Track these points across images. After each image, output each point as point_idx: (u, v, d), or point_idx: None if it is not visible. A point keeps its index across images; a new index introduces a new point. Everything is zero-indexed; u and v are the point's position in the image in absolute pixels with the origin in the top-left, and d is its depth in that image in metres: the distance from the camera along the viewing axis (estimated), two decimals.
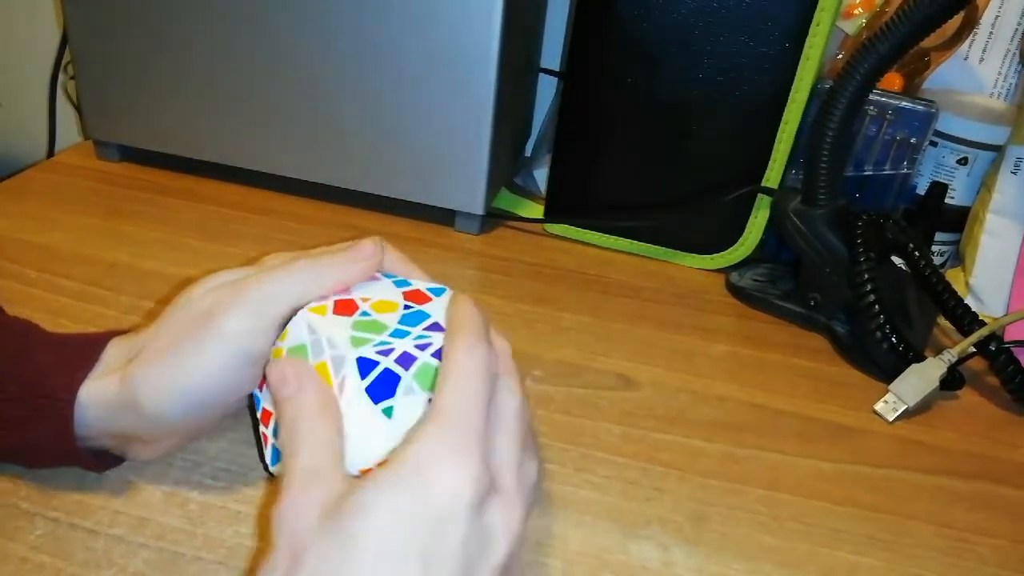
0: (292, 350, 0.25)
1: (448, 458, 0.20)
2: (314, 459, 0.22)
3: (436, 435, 0.21)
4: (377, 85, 0.46)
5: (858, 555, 0.30)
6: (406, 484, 0.20)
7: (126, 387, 0.25)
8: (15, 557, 0.26)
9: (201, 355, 0.25)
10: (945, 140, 0.48)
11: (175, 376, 0.25)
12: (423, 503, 0.20)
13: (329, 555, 0.19)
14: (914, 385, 0.38)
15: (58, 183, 0.52)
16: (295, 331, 0.26)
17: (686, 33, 0.44)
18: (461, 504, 0.20)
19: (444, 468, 0.20)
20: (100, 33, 0.49)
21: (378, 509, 0.20)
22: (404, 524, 0.19)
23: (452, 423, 0.21)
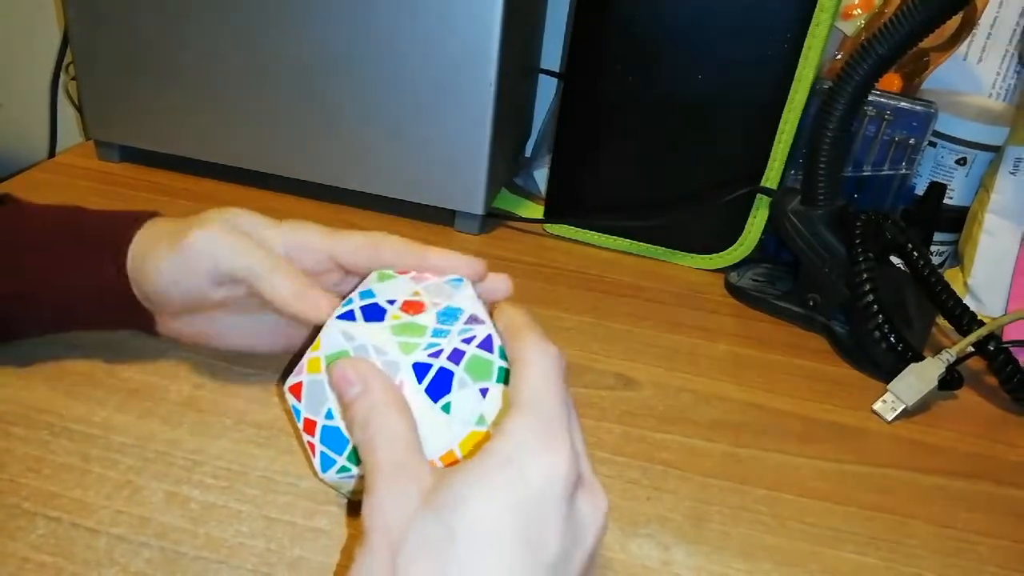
0: (332, 357, 0.25)
1: (539, 448, 0.20)
2: (395, 453, 0.22)
3: (524, 426, 0.21)
4: (377, 85, 0.46)
5: (858, 554, 0.30)
6: (501, 474, 0.20)
7: (135, 261, 0.31)
8: (17, 557, 0.26)
9: (163, 252, 0.30)
10: (944, 140, 0.48)
11: (145, 260, 0.31)
12: (520, 492, 0.20)
13: (431, 546, 0.19)
14: (913, 385, 0.38)
15: (59, 183, 0.52)
16: (329, 339, 0.26)
17: (686, 33, 0.44)
18: (556, 492, 0.20)
19: (537, 458, 0.20)
20: (101, 34, 0.49)
21: (476, 499, 0.20)
22: (504, 513, 0.20)
23: (537, 414, 0.21)
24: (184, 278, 0.30)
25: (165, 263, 0.30)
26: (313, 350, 0.26)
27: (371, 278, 0.29)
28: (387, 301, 0.27)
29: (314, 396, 0.26)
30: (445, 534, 0.19)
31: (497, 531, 0.19)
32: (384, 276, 0.29)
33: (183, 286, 0.30)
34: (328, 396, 0.25)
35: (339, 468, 0.25)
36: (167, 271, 0.30)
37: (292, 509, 0.29)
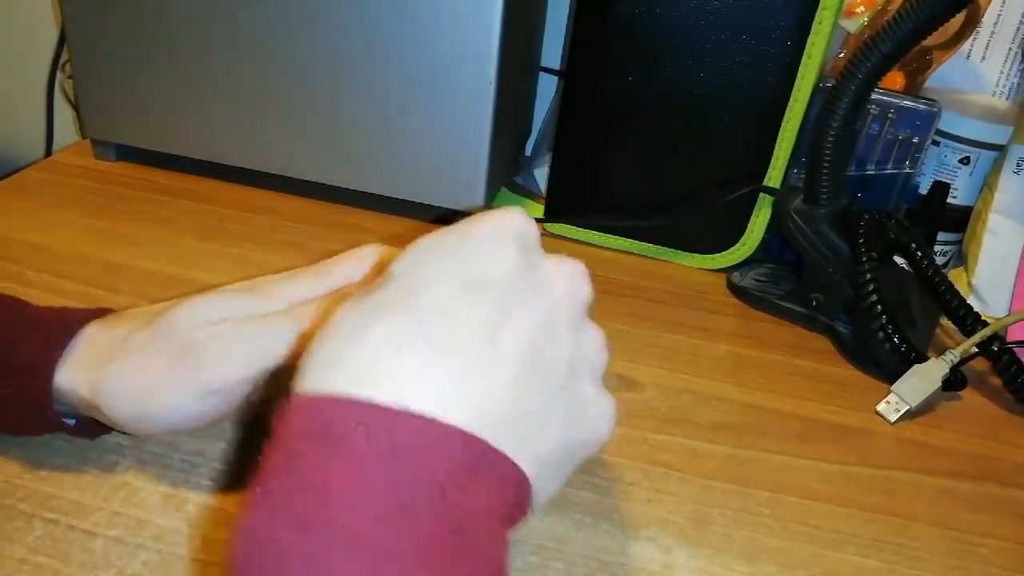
0: None
1: (489, 216, 0.22)
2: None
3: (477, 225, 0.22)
4: (377, 84, 0.46)
5: (861, 557, 0.30)
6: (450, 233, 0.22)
7: (95, 393, 0.26)
8: (13, 558, 0.26)
9: (170, 396, 0.25)
10: (947, 139, 0.48)
11: (139, 403, 0.26)
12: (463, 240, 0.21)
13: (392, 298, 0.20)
14: (916, 386, 0.38)
15: (56, 183, 0.51)
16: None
17: (687, 32, 0.44)
18: (500, 233, 0.22)
19: (484, 219, 0.22)
20: (98, 32, 0.49)
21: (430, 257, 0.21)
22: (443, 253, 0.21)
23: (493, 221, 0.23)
24: (194, 409, 0.26)
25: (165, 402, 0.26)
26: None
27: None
28: None
29: None
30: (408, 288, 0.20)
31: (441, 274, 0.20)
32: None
33: (189, 418, 0.26)
34: None
35: None
36: (169, 408, 0.26)
37: None
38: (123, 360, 0.26)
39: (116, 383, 0.26)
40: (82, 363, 0.26)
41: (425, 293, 0.20)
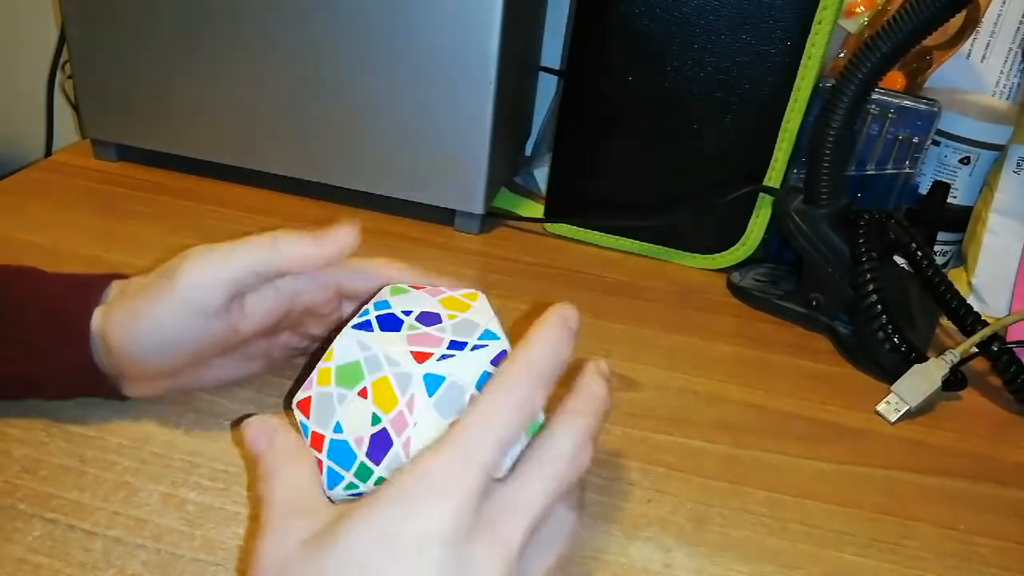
0: (343, 368, 0.25)
1: (435, 488, 0.19)
2: (288, 495, 0.22)
3: (434, 462, 0.20)
4: (377, 84, 0.46)
5: (861, 556, 0.30)
6: (386, 511, 0.19)
7: (103, 323, 0.28)
8: (13, 558, 0.26)
9: (157, 304, 0.28)
10: (947, 139, 0.48)
11: (135, 321, 0.28)
12: (397, 532, 0.19)
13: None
14: (916, 386, 0.38)
15: (56, 183, 0.51)
16: (343, 349, 0.25)
17: (687, 31, 0.44)
18: (434, 537, 0.19)
19: (428, 498, 0.19)
20: (98, 32, 0.49)
21: (354, 535, 0.19)
22: (373, 553, 0.19)
23: (457, 451, 0.20)
24: (180, 321, 0.28)
25: (154, 316, 0.27)
26: (325, 360, 0.25)
27: (384, 291, 0.28)
28: (403, 312, 0.26)
29: (322, 409, 0.25)
30: (320, 568, 0.19)
31: (364, 569, 0.19)
32: (398, 290, 0.28)
33: (178, 334, 0.28)
34: (336, 409, 0.25)
35: (347, 484, 0.24)
36: (158, 324, 0.27)
37: None
38: (124, 294, 0.29)
39: (119, 304, 0.29)
40: (101, 312, 0.29)
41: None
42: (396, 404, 0.23)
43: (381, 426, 0.24)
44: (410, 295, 0.27)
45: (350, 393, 0.24)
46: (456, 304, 0.27)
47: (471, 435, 0.20)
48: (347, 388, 0.24)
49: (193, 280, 0.27)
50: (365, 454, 0.24)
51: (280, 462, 0.23)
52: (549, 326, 0.23)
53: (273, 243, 0.28)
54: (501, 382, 0.21)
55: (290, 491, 0.22)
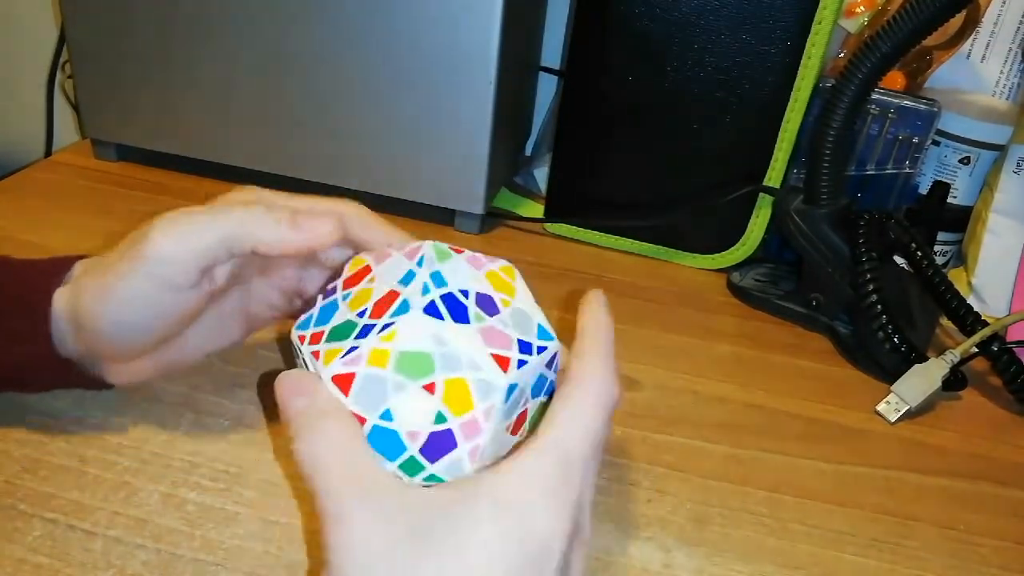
0: (409, 356, 0.23)
1: (551, 490, 0.19)
2: (340, 459, 0.20)
3: (538, 470, 0.20)
4: (376, 84, 0.46)
5: (860, 556, 0.30)
6: (499, 522, 0.19)
7: (73, 297, 0.27)
8: (13, 558, 0.26)
9: (125, 277, 0.26)
10: (947, 139, 0.48)
11: (105, 294, 0.26)
12: (516, 545, 0.19)
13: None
14: (916, 386, 0.38)
15: (56, 183, 0.51)
16: (411, 335, 0.23)
17: (687, 31, 0.44)
18: (553, 548, 0.19)
19: (547, 499, 0.19)
20: (98, 32, 0.49)
21: (471, 545, 0.19)
22: (496, 565, 0.19)
23: (558, 458, 0.20)
24: (152, 296, 0.26)
25: (124, 291, 0.26)
26: (384, 339, 0.23)
27: (429, 253, 0.25)
28: (460, 291, 0.24)
29: (370, 391, 0.23)
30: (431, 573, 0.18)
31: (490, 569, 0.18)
32: (443, 255, 0.26)
33: (151, 309, 0.26)
34: (389, 395, 0.22)
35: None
36: (129, 300, 0.26)
37: (290, 511, 0.29)
38: (92, 271, 0.27)
39: (90, 277, 0.27)
40: (67, 289, 0.27)
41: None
42: (471, 409, 0.22)
43: (446, 426, 0.23)
44: (454, 262, 0.25)
45: (412, 384, 0.22)
46: (501, 283, 0.25)
47: (571, 435, 0.21)
48: (410, 378, 0.22)
49: (162, 254, 0.26)
50: (419, 450, 0.23)
51: (322, 418, 0.21)
52: (602, 312, 0.24)
53: (246, 219, 0.26)
54: (588, 382, 0.22)
55: (341, 455, 0.20)
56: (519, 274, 0.26)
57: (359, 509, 0.19)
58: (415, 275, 0.25)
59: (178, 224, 0.26)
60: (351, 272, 0.26)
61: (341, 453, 0.21)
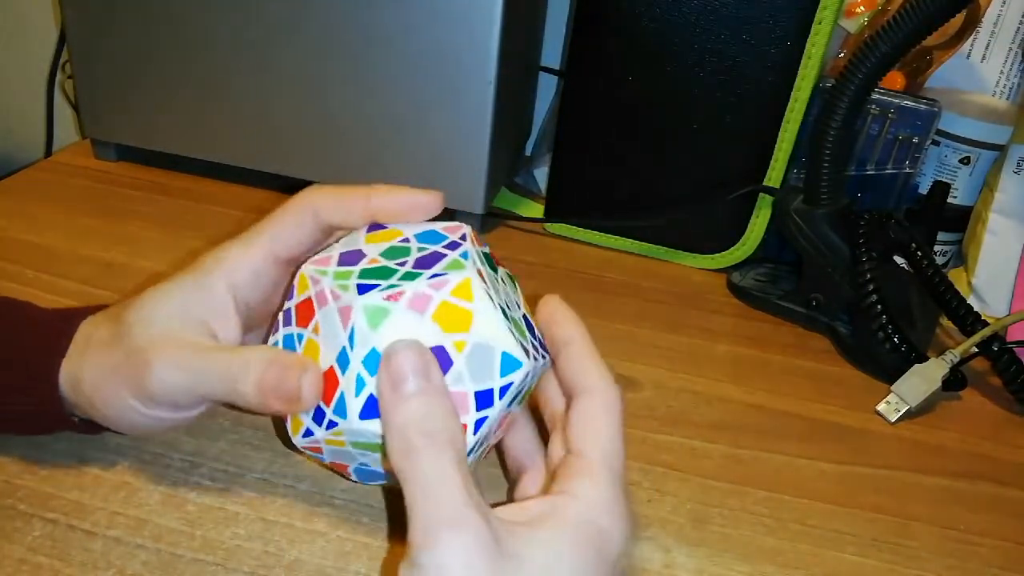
0: (362, 443, 0.23)
1: (618, 513, 0.22)
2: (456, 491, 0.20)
3: (605, 490, 0.22)
4: (376, 84, 0.46)
5: (860, 556, 0.30)
6: (591, 543, 0.21)
7: (75, 390, 0.27)
8: (13, 558, 0.26)
9: (119, 398, 0.26)
10: (947, 139, 0.48)
11: (97, 402, 0.26)
12: (603, 560, 0.21)
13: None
14: (916, 386, 0.38)
15: (56, 183, 0.51)
16: (356, 432, 0.23)
17: (687, 31, 0.44)
18: (622, 553, 0.22)
19: (616, 524, 0.22)
20: (98, 32, 0.49)
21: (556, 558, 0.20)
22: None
23: (612, 473, 0.22)
24: (152, 417, 0.26)
25: (124, 412, 0.26)
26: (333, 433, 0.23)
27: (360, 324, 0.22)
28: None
29: (340, 456, 0.25)
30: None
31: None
32: (374, 316, 0.22)
33: (152, 423, 0.27)
34: (356, 457, 0.24)
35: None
36: (130, 416, 0.26)
37: (290, 511, 0.29)
38: (88, 357, 0.26)
39: (84, 378, 0.26)
40: (80, 350, 0.27)
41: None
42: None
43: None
44: (390, 323, 0.22)
45: (372, 454, 0.24)
46: (453, 317, 0.23)
47: (614, 462, 0.23)
48: (369, 451, 0.24)
49: (163, 386, 0.25)
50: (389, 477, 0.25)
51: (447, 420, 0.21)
52: (570, 316, 0.27)
53: (237, 378, 0.24)
54: (599, 396, 0.24)
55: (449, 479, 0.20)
56: (477, 282, 0.23)
57: (453, 536, 0.19)
58: (349, 361, 0.23)
59: (176, 358, 0.25)
60: (298, 299, 0.25)
61: (450, 477, 0.20)
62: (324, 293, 0.24)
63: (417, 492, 0.20)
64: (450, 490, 0.20)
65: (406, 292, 0.23)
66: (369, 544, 0.28)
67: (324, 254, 0.25)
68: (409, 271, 0.23)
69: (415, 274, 0.23)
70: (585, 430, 0.23)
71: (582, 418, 0.24)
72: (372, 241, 0.25)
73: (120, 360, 0.25)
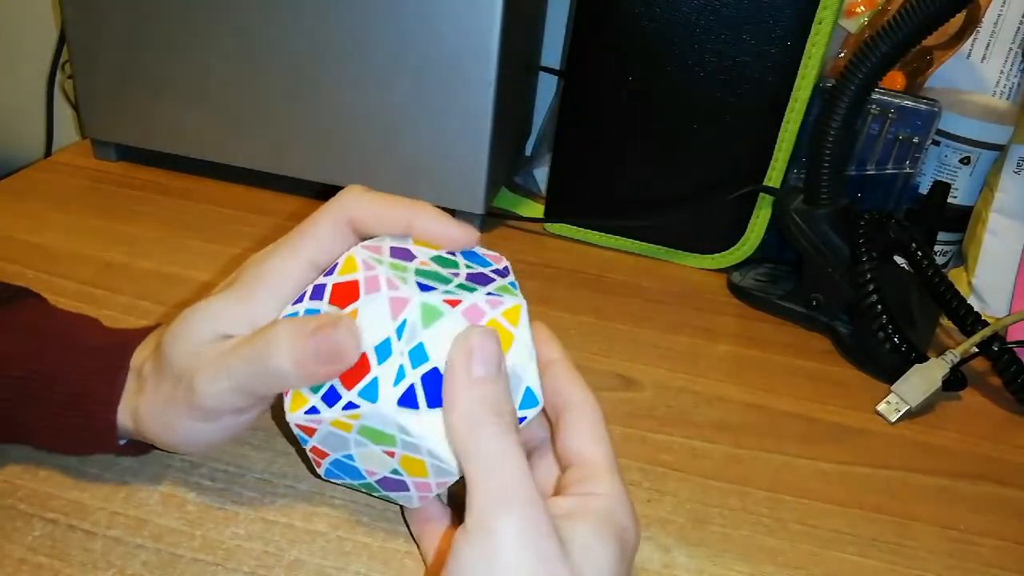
0: (372, 431, 0.23)
1: (628, 508, 0.23)
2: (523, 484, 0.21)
3: (619, 490, 0.23)
4: (376, 84, 0.46)
5: (860, 556, 0.30)
6: (620, 539, 0.22)
7: (137, 425, 0.27)
8: (13, 558, 0.26)
9: (181, 423, 0.26)
10: (948, 139, 0.48)
11: (163, 431, 0.26)
12: (625, 558, 0.22)
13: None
14: (917, 386, 0.38)
15: (55, 183, 0.51)
16: (377, 419, 0.23)
17: (687, 31, 0.44)
18: (637, 547, 0.23)
19: (626, 516, 0.23)
20: (98, 32, 0.49)
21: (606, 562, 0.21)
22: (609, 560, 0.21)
23: (618, 470, 0.24)
24: (213, 429, 0.26)
25: (185, 429, 0.26)
26: (348, 416, 0.23)
27: (414, 319, 0.22)
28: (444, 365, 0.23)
29: (333, 443, 0.25)
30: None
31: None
32: (430, 315, 0.23)
33: (216, 434, 0.27)
34: (351, 447, 0.24)
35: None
36: (192, 433, 0.26)
37: (290, 511, 0.29)
38: (144, 396, 0.26)
39: (144, 413, 0.26)
40: (127, 397, 0.27)
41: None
42: (426, 477, 0.24)
43: (401, 478, 0.25)
44: (442, 323, 0.23)
45: (374, 446, 0.24)
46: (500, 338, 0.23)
47: (615, 463, 0.24)
48: (372, 442, 0.24)
49: (214, 400, 0.25)
50: (376, 482, 0.26)
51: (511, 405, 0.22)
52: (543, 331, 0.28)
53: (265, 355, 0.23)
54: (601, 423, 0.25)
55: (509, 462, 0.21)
56: (524, 314, 0.24)
57: (514, 510, 0.20)
58: (391, 351, 0.22)
59: (218, 365, 0.24)
60: (340, 278, 0.24)
61: (514, 456, 0.21)
62: (379, 280, 0.23)
63: (481, 467, 0.21)
64: (514, 468, 0.21)
65: (464, 301, 0.23)
66: (369, 544, 0.28)
67: (374, 243, 0.25)
68: (464, 283, 0.24)
69: (471, 287, 0.24)
70: (586, 437, 0.24)
71: (578, 428, 0.25)
72: (419, 244, 0.26)
73: (169, 390, 0.25)
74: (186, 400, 0.25)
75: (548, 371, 0.26)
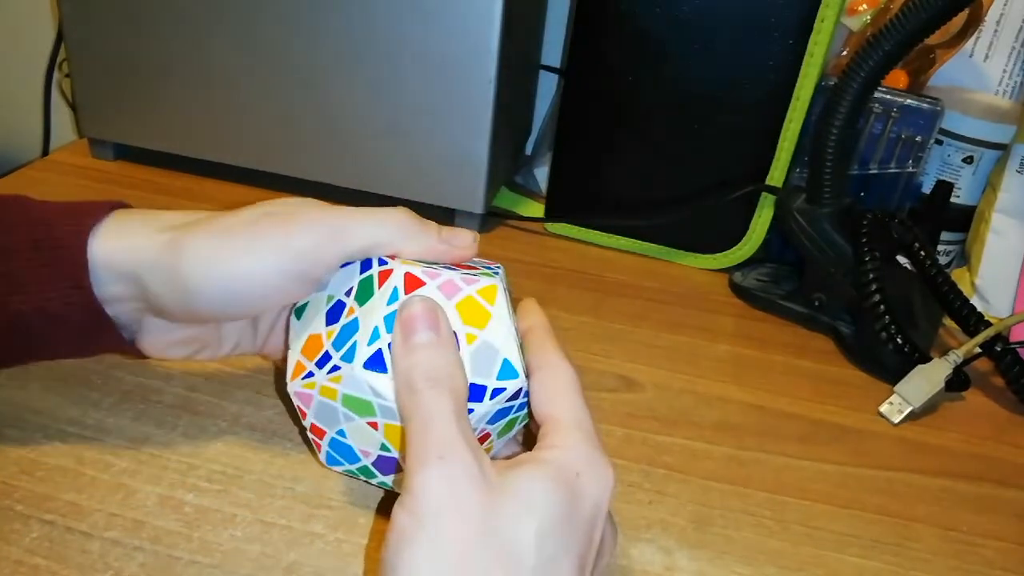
0: (352, 399, 0.24)
1: (594, 466, 0.22)
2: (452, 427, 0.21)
3: (587, 452, 0.22)
4: (376, 83, 0.46)
5: (862, 558, 0.30)
6: (562, 495, 0.21)
7: (174, 251, 0.25)
8: (10, 560, 0.25)
9: (256, 254, 0.25)
10: (950, 138, 0.48)
11: (226, 261, 0.25)
12: (572, 499, 0.21)
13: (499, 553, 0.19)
14: (919, 386, 0.38)
15: (53, 182, 0.51)
16: (352, 382, 0.24)
17: (689, 30, 0.44)
18: (605, 504, 0.22)
19: (591, 477, 0.22)
20: (95, 31, 0.48)
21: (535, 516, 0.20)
22: (560, 533, 0.20)
23: (589, 431, 0.23)
24: (276, 282, 0.25)
25: (251, 268, 0.25)
26: (331, 380, 0.24)
27: (399, 286, 0.25)
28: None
29: (326, 416, 0.25)
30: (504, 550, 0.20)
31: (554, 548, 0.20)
32: (413, 285, 0.25)
33: (269, 292, 0.26)
34: (341, 421, 0.25)
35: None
36: (251, 277, 0.25)
37: (288, 513, 0.28)
38: (213, 221, 0.26)
39: (206, 234, 0.25)
40: (128, 231, 0.26)
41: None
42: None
43: (391, 455, 0.25)
44: (421, 291, 0.25)
45: (359, 419, 0.25)
46: (473, 313, 0.25)
47: (583, 422, 0.23)
48: (356, 414, 0.25)
49: (310, 255, 0.25)
50: (371, 463, 0.26)
51: (451, 369, 0.22)
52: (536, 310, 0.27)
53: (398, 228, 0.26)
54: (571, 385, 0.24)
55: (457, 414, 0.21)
56: (502, 292, 0.26)
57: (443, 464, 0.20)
58: (371, 314, 0.24)
59: (330, 224, 0.25)
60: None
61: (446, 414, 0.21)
62: (372, 260, 0.26)
63: (415, 427, 0.21)
64: (444, 425, 0.21)
65: (442, 275, 0.25)
66: (367, 546, 0.27)
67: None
68: (448, 266, 0.26)
69: (453, 268, 0.26)
70: (550, 397, 0.24)
71: (545, 388, 0.24)
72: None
73: (254, 224, 0.25)
74: (280, 229, 0.25)
75: (525, 339, 0.26)
